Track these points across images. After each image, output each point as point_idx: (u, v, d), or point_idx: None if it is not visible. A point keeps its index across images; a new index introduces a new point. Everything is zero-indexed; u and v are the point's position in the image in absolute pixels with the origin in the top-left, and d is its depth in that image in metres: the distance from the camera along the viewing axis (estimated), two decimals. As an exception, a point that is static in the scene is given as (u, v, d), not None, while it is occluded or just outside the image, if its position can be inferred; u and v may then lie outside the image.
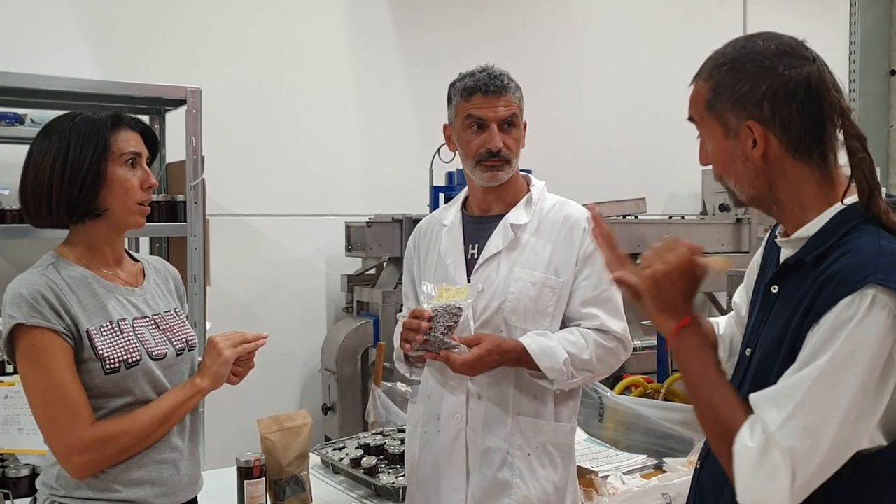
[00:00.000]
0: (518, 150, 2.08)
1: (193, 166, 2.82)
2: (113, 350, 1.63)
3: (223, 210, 4.49)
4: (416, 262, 2.23)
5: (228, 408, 4.00)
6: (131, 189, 1.68)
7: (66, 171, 1.62)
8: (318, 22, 4.91)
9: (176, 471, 1.75)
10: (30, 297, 1.57)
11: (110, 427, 1.62)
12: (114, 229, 1.72)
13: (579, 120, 5.76)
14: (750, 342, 1.38)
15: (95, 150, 1.64)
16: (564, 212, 2.09)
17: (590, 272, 2.04)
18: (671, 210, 6.15)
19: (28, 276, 1.63)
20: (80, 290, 1.64)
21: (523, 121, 2.10)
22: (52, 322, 1.57)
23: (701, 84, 1.37)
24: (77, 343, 1.61)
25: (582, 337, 2.00)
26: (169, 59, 4.28)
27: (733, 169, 1.34)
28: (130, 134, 1.71)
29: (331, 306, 5.02)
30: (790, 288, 1.30)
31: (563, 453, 2.06)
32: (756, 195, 1.35)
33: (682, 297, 1.34)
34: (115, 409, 1.65)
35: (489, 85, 2.04)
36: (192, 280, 2.80)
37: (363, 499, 2.51)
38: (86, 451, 1.59)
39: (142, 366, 1.66)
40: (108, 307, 1.67)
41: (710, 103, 1.34)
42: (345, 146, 5.01)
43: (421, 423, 2.16)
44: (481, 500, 2.03)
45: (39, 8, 4.08)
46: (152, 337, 1.71)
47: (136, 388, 1.66)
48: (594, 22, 6.02)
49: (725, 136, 1.32)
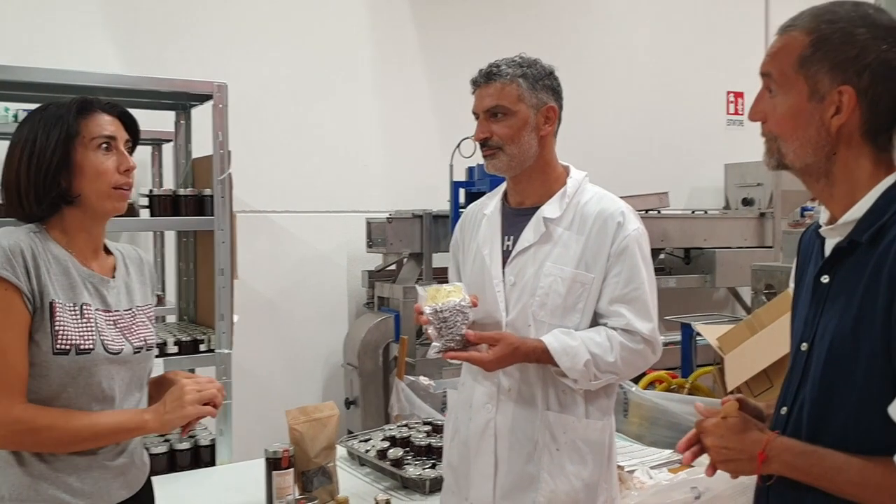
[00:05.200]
0: (514, 136, 2.00)
1: (220, 161, 2.82)
2: (68, 331, 1.57)
3: (247, 207, 4.52)
4: (461, 250, 2.23)
5: (254, 402, 4.04)
6: (105, 173, 1.63)
7: (33, 158, 1.59)
8: (341, 20, 4.93)
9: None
10: (8, 249, 1.53)
11: (39, 417, 1.54)
12: (90, 216, 1.67)
13: (602, 115, 5.74)
14: (805, 337, 1.33)
15: (60, 135, 1.61)
16: (600, 205, 2.03)
17: (620, 269, 1.99)
18: (694, 205, 6.12)
19: (14, 231, 1.59)
20: (55, 264, 1.60)
21: (535, 107, 2.02)
22: (20, 280, 1.52)
23: (797, 35, 1.27)
24: (37, 312, 1.55)
25: (608, 338, 1.96)
26: (193, 57, 4.32)
27: (802, 132, 1.27)
28: (104, 118, 1.66)
29: (352, 302, 5.04)
30: (846, 274, 1.26)
31: (595, 450, 2.02)
32: (812, 164, 1.29)
33: (739, 449, 1.32)
34: (57, 396, 1.57)
35: (479, 77, 2.03)
36: (220, 273, 2.80)
37: (390, 490, 2.51)
38: (2, 426, 1.51)
39: (93, 356, 1.59)
40: (77, 289, 1.61)
41: (806, 59, 1.25)
42: (366, 143, 5.03)
43: (455, 409, 2.17)
44: (509, 491, 2.02)
45: (66, 4, 4.12)
46: (110, 332, 1.64)
47: (80, 375, 1.58)
48: (617, 16, 6.00)
49: (809, 96, 1.25)
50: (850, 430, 1.23)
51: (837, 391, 1.24)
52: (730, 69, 6.06)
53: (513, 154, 2.01)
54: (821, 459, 1.24)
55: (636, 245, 2.02)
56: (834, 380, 1.24)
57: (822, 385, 1.26)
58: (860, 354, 1.21)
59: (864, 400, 1.21)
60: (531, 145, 2.02)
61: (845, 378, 1.23)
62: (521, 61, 2.04)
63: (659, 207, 5.29)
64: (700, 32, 6.19)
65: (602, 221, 2.01)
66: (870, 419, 1.20)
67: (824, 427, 1.26)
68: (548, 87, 2.06)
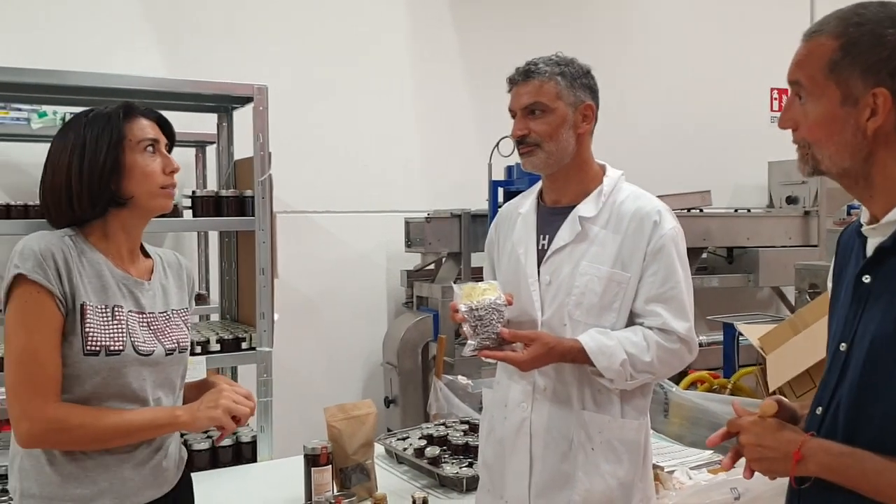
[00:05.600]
0: (552, 133, 2.00)
1: (261, 162, 2.86)
2: (98, 333, 1.60)
3: (288, 207, 4.57)
4: (496, 248, 2.23)
5: (295, 400, 4.09)
6: (152, 174, 1.69)
7: (85, 163, 1.64)
8: (380, 21, 4.97)
9: None
10: (39, 253, 1.56)
11: (71, 415, 1.57)
12: (140, 216, 1.72)
13: (642, 112, 5.70)
14: (844, 337, 1.31)
15: (111, 140, 1.66)
16: (637, 204, 2.02)
17: (657, 268, 1.97)
18: (737, 203, 6.04)
19: (46, 234, 1.63)
20: (89, 266, 1.64)
21: (573, 105, 2.02)
22: (52, 283, 1.56)
23: (824, 41, 1.26)
24: (69, 314, 1.58)
25: (644, 338, 1.95)
26: (234, 59, 4.39)
27: (837, 137, 1.26)
28: (145, 122, 1.71)
29: (391, 301, 5.07)
30: (889, 274, 1.24)
31: (631, 450, 2.01)
32: (850, 168, 1.28)
33: (774, 447, 1.31)
34: (90, 396, 1.60)
35: (516, 75, 2.04)
36: (261, 273, 2.84)
37: (427, 489, 2.52)
38: (36, 424, 1.55)
39: (123, 357, 1.62)
40: (109, 292, 1.65)
41: (836, 64, 1.24)
42: (405, 143, 5.06)
43: (491, 408, 2.18)
44: (544, 489, 2.02)
45: (113, 11, 4.22)
46: (142, 333, 1.67)
47: (114, 380, 1.61)
48: (658, 13, 5.95)
49: (842, 101, 1.24)
50: (889, 432, 1.21)
51: (876, 393, 1.22)
52: (773, 65, 5.90)
53: (550, 151, 2.01)
54: (859, 461, 1.22)
55: (672, 244, 2.00)
56: (873, 381, 1.22)
57: (861, 386, 1.24)
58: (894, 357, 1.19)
59: None
60: (569, 143, 2.02)
61: (885, 380, 1.21)
62: (559, 60, 2.04)
63: (701, 206, 5.23)
64: (743, 28, 6.10)
65: (638, 220, 2.00)
66: None
67: (861, 429, 1.24)
68: (585, 86, 2.05)
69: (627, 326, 2.01)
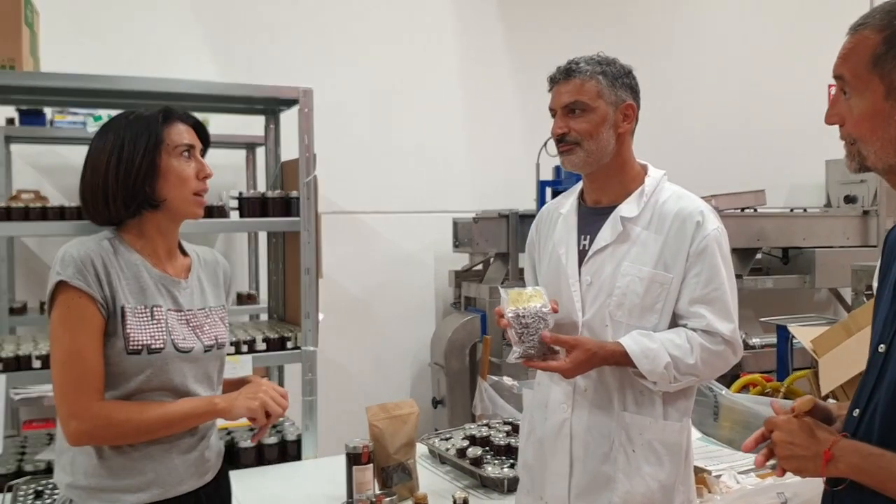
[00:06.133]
0: (592, 132, 1.99)
1: (306, 164, 2.90)
2: (139, 332, 1.65)
3: (338, 208, 4.63)
4: (537, 248, 2.23)
5: (344, 399, 4.14)
6: (187, 179, 1.72)
7: (122, 164, 1.68)
8: (427, 22, 4.99)
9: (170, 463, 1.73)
10: (79, 260, 1.62)
11: (116, 411, 1.62)
12: (171, 219, 1.76)
13: (695, 109, 5.62)
14: (883, 338, 1.29)
15: (148, 143, 1.70)
16: (679, 205, 1.99)
17: (700, 269, 1.94)
18: (793, 203, 5.90)
19: (84, 240, 1.69)
20: (127, 269, 1.69)
21: (614, 105, 2.00)
22: (92, 288, 1.61)
23: (868, 34, 1.25)
24: (110, 316, 1.64)
25: (687, 340, 1.92)
26: (285, 62, 4.46)
27: (882, 132, 1.24)
28: (182, 127, 1.75)
29: (439, 301, 5.09)
30: None
31: (672, 452, 1.99)
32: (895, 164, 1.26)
33: (805, 445, 1.29)
34: (134, 393, 1.66)
35: (557, 74, 2.03)
36: (305, 273, 2.88)
37: (468, 489, 2.52)
38: (84, 422, 1.60)
39: (164, 354, 1.67)
40: (147, 292, 1.70)
41: (879, 57, 1.23)
42: (453, 143, 5.07)
43: (531, 409, 2.17)
44: (584, 491, 2.01)
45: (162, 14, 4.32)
46: (181, 330, 1.72)
47: (154, 373, 1.67)
48: (709, 9, 5.85)
49: (885, 95, 1.23)
50: None
51: None
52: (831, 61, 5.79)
53: (590, 150, 2.00)
54: (890, 463, 1.20)
55: (716, 245, 1.97)
56: None
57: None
58: None
59: None
60: (609, 142, 2.01)
61: None
62: (600, 59, 2.03)
63: (755, 205, 5.11)
64: (797, 23, 5.96)
65: (681, 221, 1.97)
66: None
67: None
68: (626, 86, 2.03)
69: (670, 328, 1.98)
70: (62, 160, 4.12)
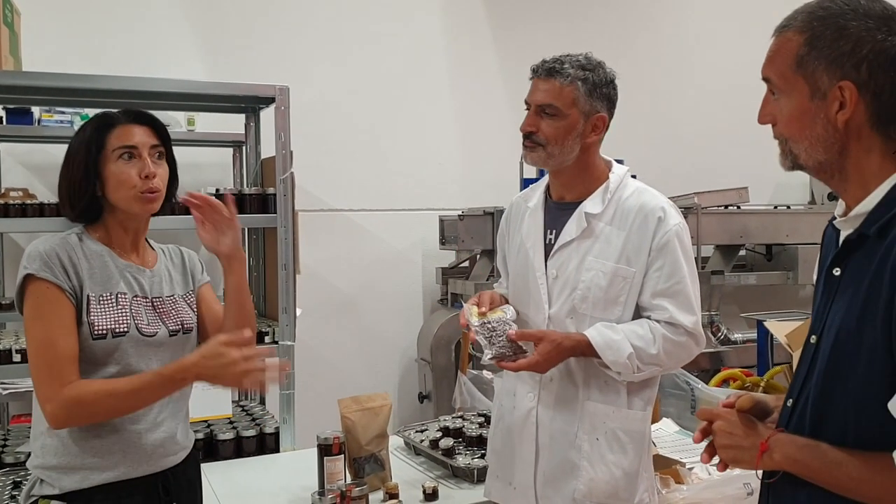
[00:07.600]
0: (559, 138, 2.02)
1: (283, 161, 2.94)
2: (103, 319, 1.72)
3: (324, 205, 4.66)
4: (507, 241, 2.27)
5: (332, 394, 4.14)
6: (126, 181, 1.76)
7: (70, 171, 1.78)
8: (414, 18, 5.01)
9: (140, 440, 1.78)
10: (45, 254, 1.69)
11: (86, 389, 1.67)
12: (129, 218, 1.82)
13: (680, 107, 5.64)
14: (815, 329, 1.32)
15: (89, 150, 1.77)
16: (641, 200, 2.04)
17: (662, 263, 2.00)
18: (778, 200, 5.92)
19: (49, 237, 1.76)
20: (93, 259, 1.76)
21: (586, 115, 2.02)
22: (59, 279, 1.69)
23: (791, 35, 1.29)
24: (80, 303, 1.71)
25: (650, 331, 1.98)
26: (270, 59, 4.47)
27: (810, 132, 1.27)
28: (132, 129, 1.79)
29: (427, 298, 5.12)
30: (855, 267, 1.25)
31: (635, 440, 2.04)
32: (825, 161, 1.28)
33: (743, 436, 1.32)
34: (105, 377, 1.72)
35: (541, 69, 2.06)
36: (282, 269, 2.93)
37: (440, 479, 2.57)
38: (57, 405, 1.65)
39: (128, 337, 1.74)
40: (112, 280, 1.77)
41: (802, 59, 1.26)
42: (439, 141, 5.10)
43: (500, 396, 2.23)
44: (550, 478, 2.05)
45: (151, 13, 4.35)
46: (146, 316, 1.79)
47: (122, 358, 1.73)
48: (698, 6, 5.87)
49: (811, 96, 1.25)
50: (850, 425, 1.22)
51: (840, 385, 1.23)
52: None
53: (553, 153, 2.05)
54: (821, 454, 1.23)
55: (677, 239, 2.02)
56: (837, 373, 1.23)
57: (826, 378, 1.25)
58: (862, 348, 1.20)
59: (864, 395, 1.19)
60: (573, 149, 2.05)
61: (848, 372, 1.21)
62: (586, 63, 2.05)
63: (738, 203, 5.14)
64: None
65: (643, 216, 2.02)
66: (870, 415, 1.19)
67: (826, 421, 1.25)
68: (604, 96, 2.06)
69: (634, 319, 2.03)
70: (52, 158, 4.15)
